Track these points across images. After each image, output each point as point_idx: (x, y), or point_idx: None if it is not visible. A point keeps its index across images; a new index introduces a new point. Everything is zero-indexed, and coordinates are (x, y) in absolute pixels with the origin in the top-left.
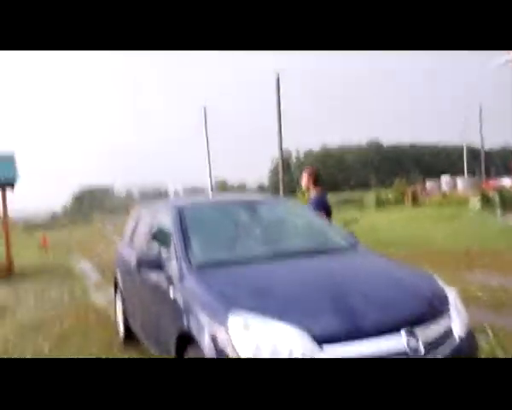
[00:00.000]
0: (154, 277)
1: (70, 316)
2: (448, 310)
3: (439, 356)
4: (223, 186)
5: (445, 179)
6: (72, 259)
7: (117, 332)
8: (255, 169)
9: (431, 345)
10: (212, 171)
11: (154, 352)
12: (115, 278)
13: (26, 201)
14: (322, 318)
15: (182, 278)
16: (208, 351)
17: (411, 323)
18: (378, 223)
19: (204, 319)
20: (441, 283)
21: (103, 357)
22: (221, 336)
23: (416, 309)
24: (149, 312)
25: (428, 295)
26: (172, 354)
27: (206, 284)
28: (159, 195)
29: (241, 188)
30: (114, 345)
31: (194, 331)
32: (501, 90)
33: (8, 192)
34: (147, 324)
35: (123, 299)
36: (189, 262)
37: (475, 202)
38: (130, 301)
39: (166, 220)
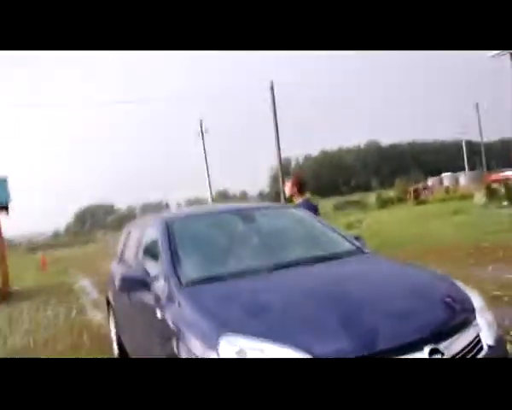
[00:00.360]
0: (142, 296)
1: (65, 336)
2: (474, 317)
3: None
4: (224, 196)
5: (446, 176)
6: (71, 278)
7: (111, 353)
8: (255, 177)
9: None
10: (213, 182)
11: None
12: (107, 297)
13: (28, 222)
14: (330, 338)
15: (170, 297)
16: None
17: (435, 338)
18: (382, 223)
19: (193, 342)
20: (463, 286)
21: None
22: None
23: (441, 321)
24: (139, 333)
25: (452, 302)
26: None
27: (195, 302)
28: (160, 209)
29: (243, 197)
30: None
31: (182, 356)
32: (497, 81)
33: (4, 215)
34: (137, 346)
35: (115, 318)
36: (178, 280)
37: (480, 196)
38: (122, 320)
39: (155, 235)
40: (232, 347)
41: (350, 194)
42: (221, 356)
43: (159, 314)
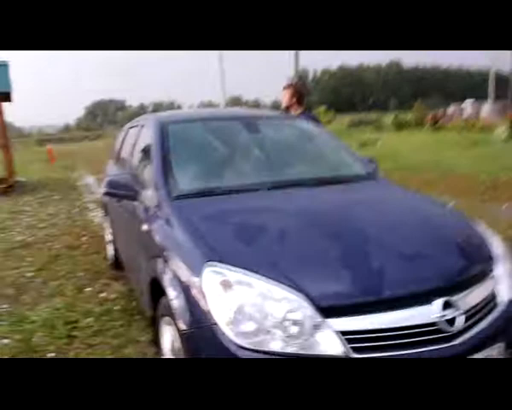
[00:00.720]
0: (130, 204)
1: (63, 234)
2: (493, 268)
3: (480, 327)
4: (237, 102)
5: (468, 104)
6: (76, 174)
7: (106, 257)
8: (271, 87)
9: (471, 316)
10: (228, 88)
11: (136, 293)
12: (103, 201)
13: (39, 114)
14: (328, 278)
15: (158, 209)
16: (177, 306)
17: (449, 290)
18: (397, 145)
19: (179, 264)
20: (484, 229)
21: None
22: (194, 291)
23: (457, 269)
24: (128, 243)
25: (471, 248)
26: (148, 304)
27: (184, 219)
28: (172, 109)
29: (256, 105)
30: (101, 271)
31: (165, 279)
32: None
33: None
34: (128, 258)
35: (111, 223)
36: (168, 191)
37: (503, 130)
38: (116, 227)
39: (148, 137)
40: (217, 276)
41: (367, 112)
42: (204, 285)
43: (145, 227)
